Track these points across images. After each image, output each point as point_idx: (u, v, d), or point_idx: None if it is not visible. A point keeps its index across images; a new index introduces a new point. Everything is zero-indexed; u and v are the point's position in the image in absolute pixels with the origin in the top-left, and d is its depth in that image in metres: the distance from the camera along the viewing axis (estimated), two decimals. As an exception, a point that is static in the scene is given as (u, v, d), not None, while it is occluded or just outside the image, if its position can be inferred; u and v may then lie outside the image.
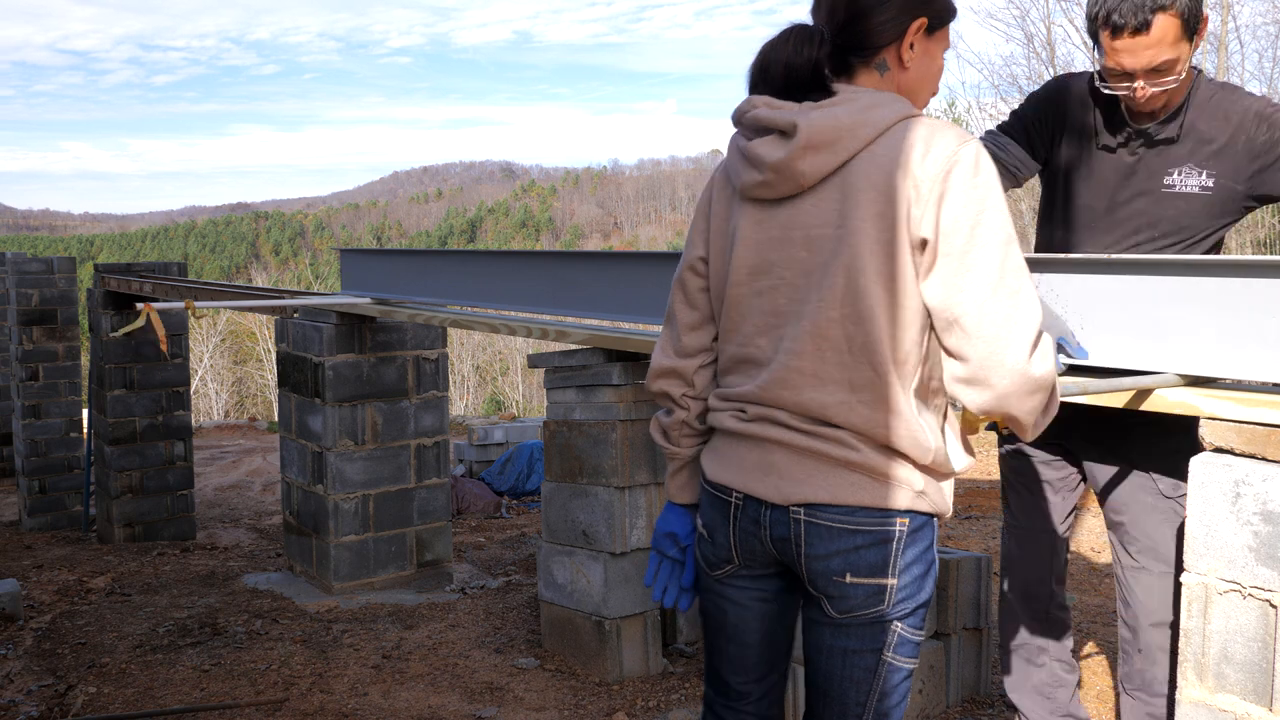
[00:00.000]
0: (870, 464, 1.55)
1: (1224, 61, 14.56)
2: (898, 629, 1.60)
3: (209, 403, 34.07)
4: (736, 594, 1.74)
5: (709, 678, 1.86)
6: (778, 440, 1.60)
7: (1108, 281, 2.15)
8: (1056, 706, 2.65)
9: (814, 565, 1.59)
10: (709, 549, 1.74)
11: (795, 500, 1.58)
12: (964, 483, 9.86)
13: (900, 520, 1.56)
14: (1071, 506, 2.60)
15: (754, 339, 1.63)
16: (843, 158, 1.51)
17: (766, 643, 1.77)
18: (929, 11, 1.58)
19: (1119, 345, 2.14)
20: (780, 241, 1.58)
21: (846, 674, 1.62)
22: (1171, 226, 2.25)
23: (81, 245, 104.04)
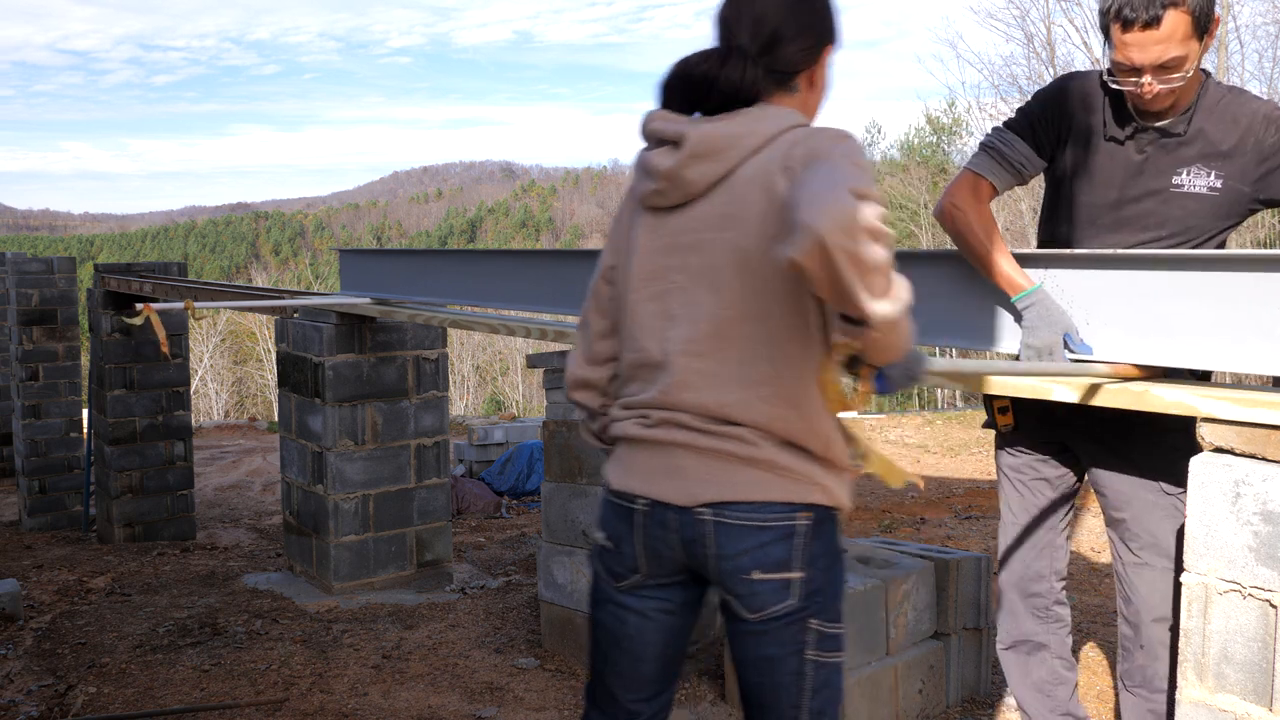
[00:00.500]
0: (772, 460, 1.58)
1: (1224, 61, 14.56)
2: (814, 626, 1.62)
3: (209, 403, 34.07)
4: (639, 604, 1.73)
5: (594, 698, 1.83)
6: (681, 443, 1.62)
7: (1112, 277, 2.15)
8: (1056, 704, 2.65)
9: (724, 565, 1.61)
10: (613, 560, 1.73)
11: (701, 501, 1.61)
12: (964, 482, 9.86)
13: (804, 514, 1.60)
14: (1070, 504, 2.60)
15: (651, 344, 1.66)
16: (729, 166, 1.58)
17: (664, 657, 1.77)
18: (834, 37, 1.70)
19: (1123, 340, 2.15)
20: (673, 248, 1.64)
21: (775, 681, 1.63)
22: (1178, 226, 2.25)
23: (81, 245, 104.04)
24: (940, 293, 2.49)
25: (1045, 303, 2.20)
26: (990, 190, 2.36)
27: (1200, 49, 2.13)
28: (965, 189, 2.36)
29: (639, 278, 1.69)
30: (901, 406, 29.14)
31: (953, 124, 31.50)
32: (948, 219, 2.36)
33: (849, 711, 3.02)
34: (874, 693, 3.09)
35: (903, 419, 16.39)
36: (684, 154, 1.59)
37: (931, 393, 27.60)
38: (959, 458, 12.08)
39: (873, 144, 38.73)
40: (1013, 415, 2.56)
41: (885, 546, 3.63)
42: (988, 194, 2.36)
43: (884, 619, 3.16)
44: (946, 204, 2.36)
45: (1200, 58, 2.15)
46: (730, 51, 1.63)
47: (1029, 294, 2.21)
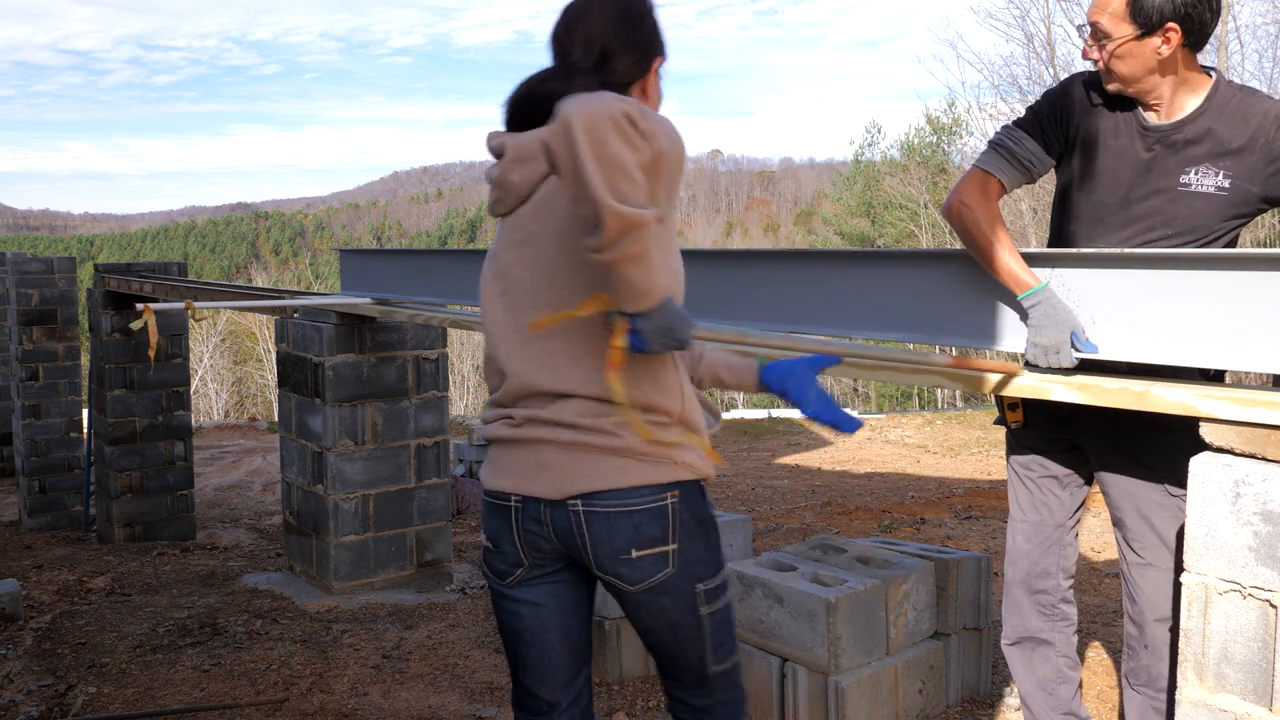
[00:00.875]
0: (634, 447, 1.69)
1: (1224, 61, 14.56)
2: (700, 588, 1.78)
3: (209, 403, 34.07)
4: (530, 596, 1.83)
5: (517, 700, 1.93)
6: (547, 439, 1.71)
7: (1119, 276, 2.15)
8: (1058, 703, 2.65)
9: (599, 550, 1.72)
10: (496, 559, 1.83)
11: (571, 493, 1.70)
12: (964, 483, 9.86)
13: (671, 493, 1.72)
14: (1080, 501, 2.61)
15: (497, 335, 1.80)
16: (545, 168, 1.69)
17: (567, 642, 1.86)
18: (662, 50, 1.83)
19: (1130, 339, 2.15)
20: (511, 244, 1.78)
21: (679, 637, 1.80)
22: (1185, 225, 2.25)
23: (81, 245, 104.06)
24: (944, 292, 2.49)
25: (1052, 301, 2.20)
26: (999, 188, 2.36)
27: (1138, 42, 2.15)
28: (974, 186, 2.36)
29: (489, 279, 1.83)
30: (902, 407, 29.16)
31: (953, 124, 31.52)
32: (955, 216, 2.36)
33: (849, 712, 3.02)
34: (874, 693, 3.09)
35: (903, 419, 16.40)
36: (506, 160, 1.75)
37: (931, 393, 27.60)
38: (959, 458, 12.09)
39: (873, 144, 38.77)
40: (1022, 412, 2.57)
41: (885, 546, 3.63)
42: (996, 192, 2.36)
43: (884, 619, 3.16)
44: (955, 201, 2.37)
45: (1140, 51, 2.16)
46: (570, 69, 1.75)
47: (1035, 292, 2.22)
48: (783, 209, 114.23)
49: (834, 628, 3.01)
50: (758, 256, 3.04)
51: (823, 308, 2.79)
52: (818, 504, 8.48)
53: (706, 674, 1.84)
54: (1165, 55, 2.15)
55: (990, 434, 13.67)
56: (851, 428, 1.91)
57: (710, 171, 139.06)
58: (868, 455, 12.71)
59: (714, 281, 3.13)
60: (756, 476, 10.84)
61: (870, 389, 32.73)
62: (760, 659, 3.24)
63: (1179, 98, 2.23)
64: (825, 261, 2.82)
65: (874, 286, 2.65)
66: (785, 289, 2.89)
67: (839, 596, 3.03)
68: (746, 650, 3.29)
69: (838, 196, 41.45)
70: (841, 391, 33.50)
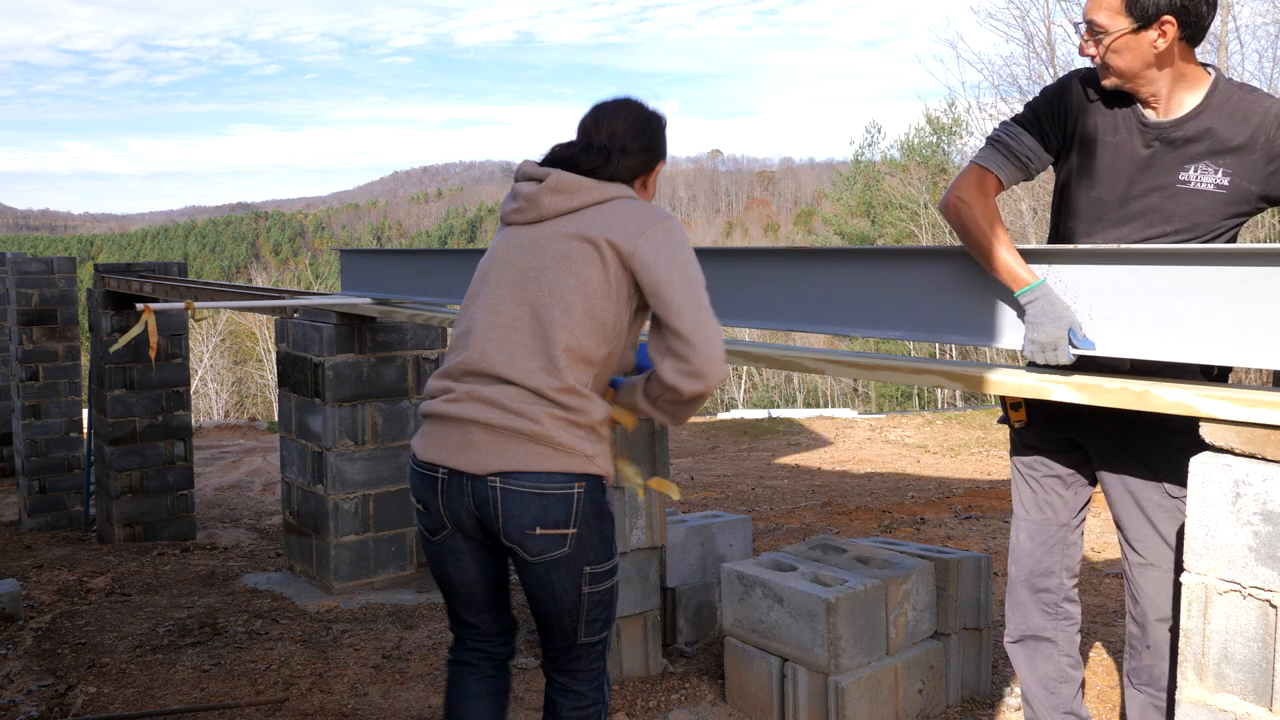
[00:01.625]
0: (552, 436, 1.97)
1: (1224, 61, 14.57)
2: (587, 570, 2.07)
3: (209, 403, 34.07)
4: (456, 551, 2.13)
5: (451, 618, 2.30)
6: (476, 419, 1.99)
7: (1116, 272, 2.15)
8: (1060, 702, 2.65)
9: (509, 523, 1.99)
10: (426, 519, 2.13)
11: (492, 470, 1.98)
12: (964, 483, 9.86)
13: (579, 483, 2.00)
14: (1084, 501, 2.60)
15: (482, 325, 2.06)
16: (576, 204, 2.06)
17: (487, 583, 2.20)
18: (664, 156, 2.25)
19: (1127, 336, 2.15)
20: (525, 248, 2.08)
21: (560, 608, 2.09)
22: (1185, 223, 2.25)
23: (81, 245, 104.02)
24: (942, 290, 2.49)
25: (1049, 298, 2.20)
26: (996, 184, 2.36)
27: (1134, 36, 2.15)
28: (971, 183, 2.36)
29: (490, 266, 2.12)
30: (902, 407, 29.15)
31: (953, 124, 31.51)
32: (952, 212, 2.36)
33: (849, 713, 3.02)
34: (874, 693, 3.09)
35: (903, 419, 16.39)
36: (544, 186, 2.08)
37: (931, 393, 27.59)
38: (959, 458, 12.08)
39: (873, 144, 38.76)
40: (1025, 412, 2.56)
41: (885, 546, 3.63)
42: (994, 188, 2.36)
43: (884, 619, 3.16)
44: (952, 197, 2.37)
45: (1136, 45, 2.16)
46: (590, 144, 2.14)
47: (1032, 289, 2.22)
48: (783, 209, 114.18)
49: (834, 628, 3.01)
50: (757, 255, 3.04)
51: (822, 306, 2.78)
52: (818, 504, 8.48)
53: (576, 643, 2.15)
54: (1162, 49, 2.15)
55: (990, 434, 13.67)
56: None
57: (710, 171, 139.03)
58: (868, 455, 12.70)
59: (714, 280, 3.13)
60: (756, 476, 10.84)
61: (870, 389, 32.72)
62: (760, 659, 3.24)
63: (1177, 94, 2.23)
64: (824, 259, 2.82)
65: (873, 284, 2.65)
66: (785, 288, 2.89)
67: (839, 596, 3.03)
68: (746, 650, 3.29)
69: (838, 196, 41.46)
70: (842, 391, 33.50)
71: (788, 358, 2.96)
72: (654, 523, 3.65)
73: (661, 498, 3.67)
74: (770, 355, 3.00)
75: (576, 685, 2.21)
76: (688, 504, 8.68)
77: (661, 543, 3.70)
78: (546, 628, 2.15)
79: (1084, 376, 2.22)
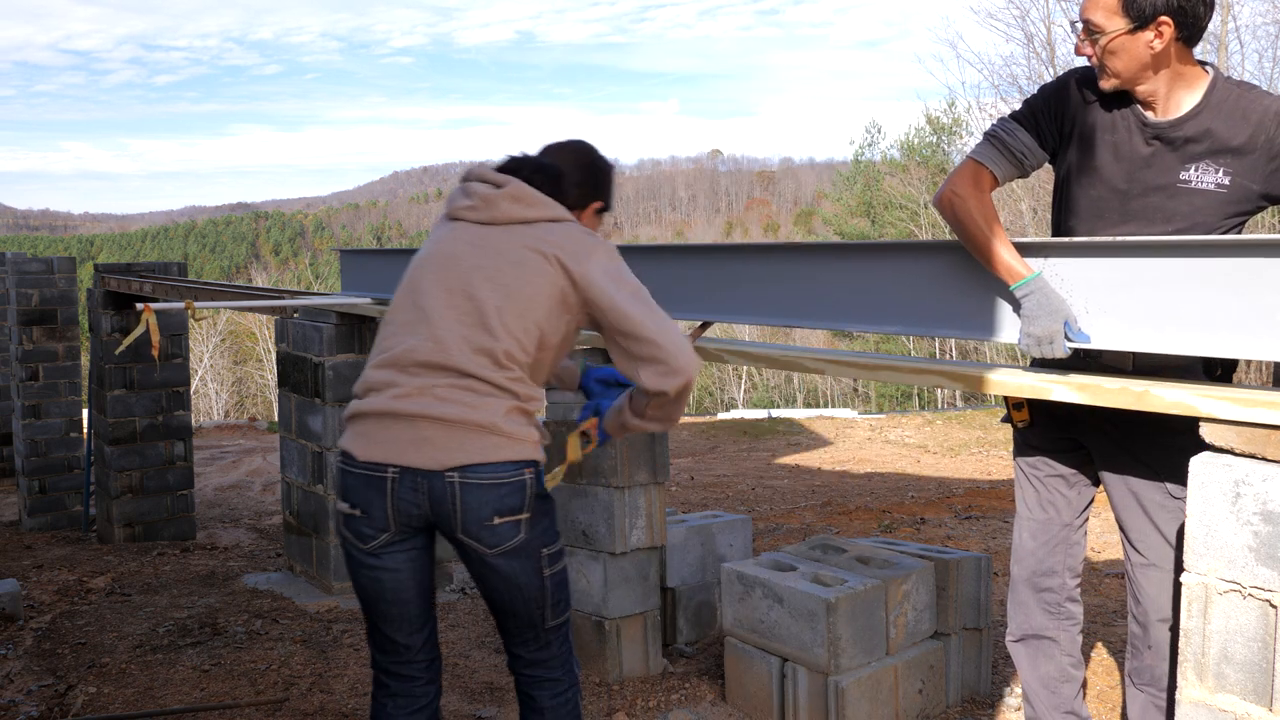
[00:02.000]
0: (500, 426, 2.01)
1: (1224, 61, 14.56)
2: (545, 552, 2.10)
3: (209, 403, 34.06)
4: (390, 561, 2.11)
5: (375, 644, 2.23)
6: (431, 415, 1.99)
7: (1111, 265, 2.15)
8: (1060, 701, 2.65)
9: (468, 516, 2.01)
10: (363, 525, 2.08)
11: (449, 465, 1.99)
12: (964, 483, 9.86)
13: (529, 469, 2.06)
14: (1087, 501, 2.60)
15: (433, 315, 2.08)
16: (532, 216, 2.13)
17: (421, 595, 2.18)
18: (602, 199, 2.37)
19: (1123, 329, 2.15)
20: (474, 246, 2.12)
21: (525, 596, 2.11)
22: (1185, 222, 2.25)
23: (81, 245, 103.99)
24: (939, 284, 2.49)
25: (1044, 291, 2.20)
26: (991, 179, 2.36)
27: (1130, 36, 2.15)
28: (966, 177, 2.36)
29: (435, 258, 2.14)
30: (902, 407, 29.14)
31: (953, 124, 31.50)
32: (947, 206, 2.36)
33: (849, 712, 3.02)
34: (874, 693, 3.09)
35: (903, 419, 16.39)
36: (504, 192, 2.14)
37: (931, 393, 27.57)
38: (959, 458, 12.08)
39: (873, 144, 38.76)
40: (1028, 411, 2.56)
41: (885, 546, 3.63)
42: (989, 183, 2.36)
43: (884, 619, 3.16)
44: (947, 191, 2.37)
45: (1132, 46, 2.16)
46: (543, 166, 2.25)
47: (1028, 282, 2.22)
48: (783, 209, 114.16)
49: (834, 628, 3.01)
50: (753, 250, 3.05)
51: (819, 301, 2.79)
52: (818, 504, 8.48)
53: (544, 629, 2.17)
54: (1158, 49, 2.15)
55: (990, 434, 13.67)
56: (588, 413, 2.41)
57: (710, 171, 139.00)
58: (868, 455, 12.70)
59: (711, 277, 3.13)
60: (756, 476, 10.83)
61: (870, 389, 32.72)
62: (760, 659, 3.24)
63: (1175, 94, 2.23)
64: (820, 254, 2.82)
65: (869, 279, 2.66)
66: (782, 284, 2.89)
67: (839, 596, 3.03)
68: (746, 650, 3.29)
69: (838, 196, 41.45)
70: (842, 391, 33.50)
71: (788, 358, 2.97)
72: (654, 523, 3.65)
73: (662, 498, 3.67)
74: (770, 355, 3.00)
75: (551, 673, 2.23)
76: (688, 504, 8.68)
77: (661, 543, 3.70)
78: (514, 621, 2.17)
79: (1084, 376, 2.22)
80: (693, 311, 3.19)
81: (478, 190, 2.17)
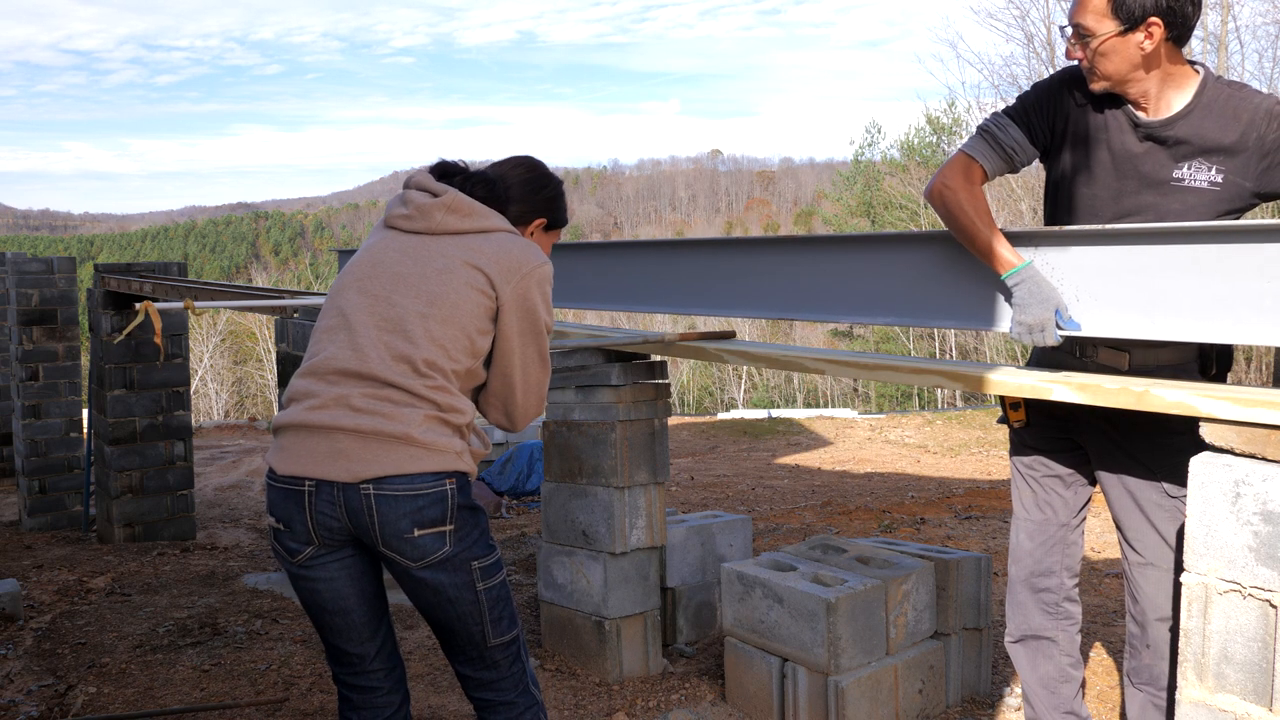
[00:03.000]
0: (418, 437, 1.95)
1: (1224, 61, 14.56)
2: (475, 565, 2.03)
3: (209, 403, 34.07)
4: (323, 571, 2.05)
5: (330, 657, 2.19)
6: (343, 426, 1.95)
7: (1101, 253, 2.17)
8: (1060, 702, 2.66)
9: (386, 529, 1.95)
10: (287, 539, 2.03)
11: (364, 477, 1.93)
12: (964, 483, 9.85)
13: (450, 480, 1.99)
14: (1084, 501, 2.61)
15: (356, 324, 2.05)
16: (466, 227, 2.10)
17: (365, 602, 2.11)
18: (548, 217, 2.33)
19: (1113, 316, 2.16)
20: (404, 253, 2.10)
21: (458, 612, 2.04)
22: (1177, 219, 2.26)
23: (81, 245, 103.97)
24: (932, 274, 2.50)
25: (1035, 279, 2.22)
26: (981, 173, 2.39)
27: (1121, 38, 2.16)
28: (957, 170, 2.39)
29: (363, 264, 2.12)
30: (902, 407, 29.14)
31: (953, 124, 31.50)
32: (937, 198, 2.38)
33: (849, 712, 3.02)
34: (874, 693, 3.09)
35: (903, 419, 16.39)
36: (439, 202, 2.11)
37: (931, 393, 27.58)
38: (959, 458, 12.08)
39: (873, 144, 38.75)
40: (1025, 411, 2.58)
41: (885, 546, 3.63)
42: (979, 176, 2.39)
43: (884, 619, 3.16)
44: (937, 183, 2.39)
45: (1122, 48, 2.17)
46: (478, 173, 2.23)
47: (1019, 270, 2.24)
48: (783, 209, 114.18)
49: (834, 628, 3.01)
50: (750, 244, 3.05)
51: (814, 294, 2.80)
52: (818, 504, 8.47)
53: (487, 647, 2.09)
54: (1149, 50, 2.17)
55: (990, 434, 13.67)
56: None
57: (710, 172, 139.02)
58: (868, 455, 12.70)
59: (710, 271, 3.13)
60: (756, 476, 10.83)
61: (870, 389, 32.72)
62: (760, 659, 3.24)
63: (1166, 94, 2.24)
64: (816, 247, 2.83)
65: (863, 272, 2.67)
66: (778, 278, 2.89)
67: (839, 596, 3.03)
68: (746, 650, 3.29)
69: (838, 196, 41.45)
70: (842, 391, 33.50)
71: (788, 358, 2.97)
72: (654, 523, 3.65)
73: (662, 498, 3.67)
74: (770, 355, 3.00)
75: (503, 696, 2.14)
76: (688, 504, 8.68)
77: (661, 543, 3.70)
78: (454, 640, 2.10)
79: (1084, 376, 2.22)
80: (686, 306, 3.19)
81: (414, 199, 2.15)
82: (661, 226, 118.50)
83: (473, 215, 2.11)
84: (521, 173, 2.30)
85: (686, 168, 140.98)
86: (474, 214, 2.12)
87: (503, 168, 2.30)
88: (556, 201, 2.34)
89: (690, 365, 34.97)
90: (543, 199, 2.31)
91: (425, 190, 2.16)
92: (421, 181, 2.18)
